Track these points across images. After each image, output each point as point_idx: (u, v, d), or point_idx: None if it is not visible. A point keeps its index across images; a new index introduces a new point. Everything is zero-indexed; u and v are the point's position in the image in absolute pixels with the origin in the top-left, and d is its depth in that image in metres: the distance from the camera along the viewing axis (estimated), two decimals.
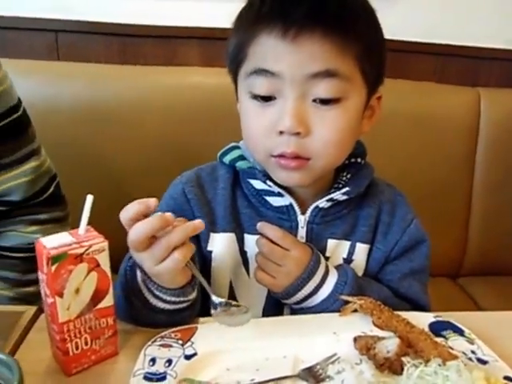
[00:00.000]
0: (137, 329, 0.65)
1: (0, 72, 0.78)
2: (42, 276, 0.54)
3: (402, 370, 0.56)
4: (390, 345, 0.58)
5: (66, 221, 0.92)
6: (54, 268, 0.51)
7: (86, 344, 0.57)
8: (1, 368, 0.42)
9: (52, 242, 0.53)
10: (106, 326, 0.58)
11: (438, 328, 0.64)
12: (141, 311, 0.63)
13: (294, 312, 0.72)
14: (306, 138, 0.63)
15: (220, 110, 1.22)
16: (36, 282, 0.87)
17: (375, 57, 0.66)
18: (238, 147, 0.77)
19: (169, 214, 0.55)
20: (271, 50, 0.61)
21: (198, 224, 0.57)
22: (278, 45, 0.61)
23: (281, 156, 0.64)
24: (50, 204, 0.88)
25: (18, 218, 0.84)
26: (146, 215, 0.55)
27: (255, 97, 0.64)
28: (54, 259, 0.51)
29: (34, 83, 1.22)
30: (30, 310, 0.66)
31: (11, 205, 0.82)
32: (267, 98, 0.64)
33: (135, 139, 1.26)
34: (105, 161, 1.26)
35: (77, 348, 0.56)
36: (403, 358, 0.56)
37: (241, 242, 0.73)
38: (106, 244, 0.55)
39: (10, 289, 0.85)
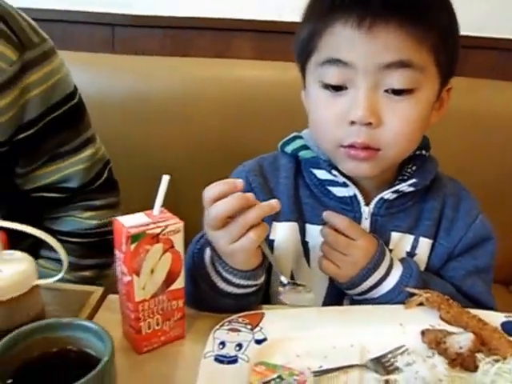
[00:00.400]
0: (199, 314, 0.66)
1: (56, 60, 0.79)
2: (118, 254, 0.55)
3: (475, 366, 0.55)
4: (462, 340, 0.57)
5: (118, 207, 0.94)
6: (133, 246, 0.53)
7: (158, 325, 0.58)
8: (92, 338, 0.43)
9: (129, 221, 0.54)
10: (176, 308, 0.59)
11: (510, 328, 0.62)
12: (207, 294, 0.64)
13: (353, 303, 0.71)
14: (377, 128, 0.63)
15: (272, 104, 1.22)
16: (92, 267, 0.90)
17: (450, 47, 0.65)
18: (300, 137, 0.77)
19: (250, 194, 0.56)
20: (345, 40, 0.61)
21: (275, 204, 0.58)
22: (353, 34, 0.60)
23: (351, 146, 0.64)
24: (104, 190, 0.90)
25: (74, 204, 0.86)
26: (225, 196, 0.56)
27: (326, 86, 0.64)
28: (134, 238, 0.52)
29: (91, 75, 1.24)
30: (98, 290, 0.67)
31: (69, 191, 0.84)
32: (338, 88, 0.64)
33: (185, 132, 1.27)
34: (154, 152, 1.28)
35: (149, 328, 0.58)
36: (477, 355, 0.55)
37: (302, 231, 0.73)
38: (181, 225, 0.56)
39: (68, 272, 0.87)
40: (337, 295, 0.72)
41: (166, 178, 0.56)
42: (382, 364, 0.56)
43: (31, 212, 0.82)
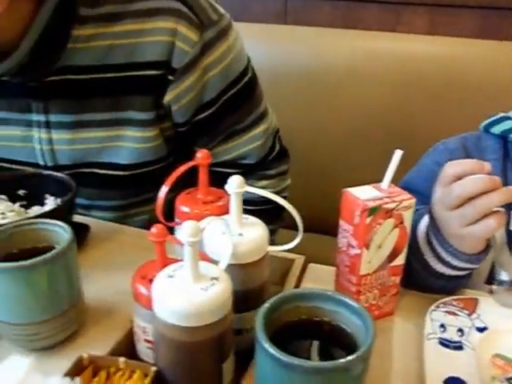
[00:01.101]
0: (406, 291, 0.63)
1: (232, 34, 0.77)
2: (346, 226, 0.54)
3: None
4: None
5: (287, 174, 0.94)
6: (368, 220, 0.51)
7: (374, 299, 0.57)
8: (347, 313, 0.42)
9: (361, 193, 0.52)
10: (392, 284, 0.57)
11: None
12: (417, 274, 0.61)
13: None
14: None
15: (443, 81, 1.13)
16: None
17: None
18: (509, 118, 0.71)
19: (498, 178, 0.51)
20: None
21: None
22: None
23: None
24: (277, 160, 0.90)
25: (250, 176, 0.87)
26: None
27: None
28: (371, 211, 0.50)
29: (263, 47, 1.23)
30: (300, 258, 0.67)
31: (246, 167, 0.85)
32: None
33: (349, 106, 1.22)
34: (319, 125, 1.25)
35: (366, 301, 0.56)
36: None
37: (508, 219, 0.67)
38: (413, 201, 0.53)
39: None
40: None
41: (398, 153, 0.53)
42: None
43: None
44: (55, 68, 0.71)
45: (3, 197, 0.69)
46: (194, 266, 0.42)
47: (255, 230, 0.51)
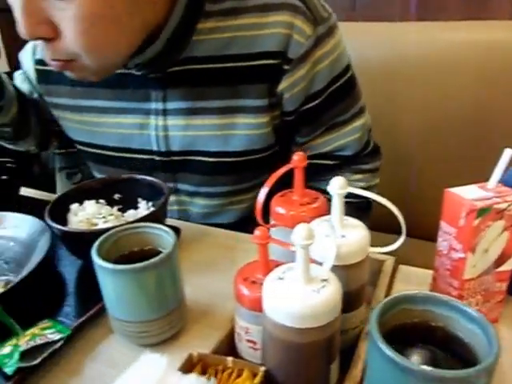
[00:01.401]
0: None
1: (338, 33, 0.82)
2: (448, 229, 0.52)
3: None
4: None
5: (378, 172, 0.96)
6: (476, 222, 0.49)
7: (477, 305, 0.55)
8: (463, 320, 0.41)
9: (467, 193, 0.51)
10: (498, 290, 0.55)
11: None
12: None
13: None
14: None
15: None
16: None
17: None
18: None
19: None
20: None
21: None
22: None
23: None
24: (371, 155, 0.92)
25: (345, 168, 0.90)
26: None
27: None
28: (480, 212, 0.49)
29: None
30: (390, 260, 0.66)
31: (342, 159, 0.88)
32: None
33: (434, 101, 1.19)
34: (387, 118, 1.23)
35: None
36: None
37: None
38: None
39: None
40: None
41: (508, 152, 0.51)
42: None
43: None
44: (178, 59, 0.78)
45: (102, 201, 0.72)
46: (306, 269, 0.43)
47: (357, 232, 0.51)
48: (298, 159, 0.56)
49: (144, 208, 0.73)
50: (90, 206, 0.71)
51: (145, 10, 0.69)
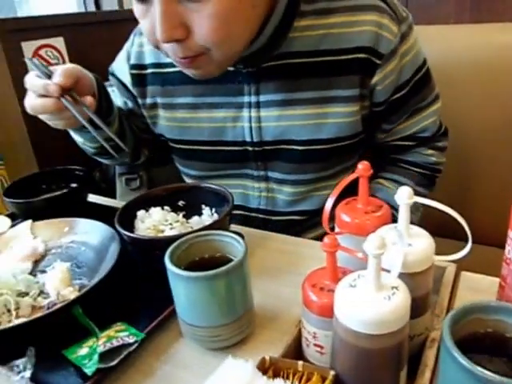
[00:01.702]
0: None
1: (415, 31, 0.88)
2: None
3: None
4: None
5: (446, 151, 1.03)
6: None
7: None
8: None
9: None
10: None
11: None
12: None
13: None
14: None
15: None
16: (426, 195, 0.99)
17: None
18: None
19: None
20: None
21: None
22: None
23: None
24: (443, 135, 1.01)
25: (424, 146, 0.98)
26: None
27: None
28: None
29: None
30: (451, 266, 0.66)
31: (421, 139, 0.97)
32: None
33: (484, 106, 1.18)
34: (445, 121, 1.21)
35: None
36: None
37: None
38: None
39: None
40: None
41: None
42: None
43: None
44: (274, 54, 0.84)
45: (167, 208, 0.76)
46: (377, 276, 0.44)
47: (423, 241, 0.52)
48: (362, 168, 0.57)
49: (208, 214, 0.76)
50: (156, 212, 0.75)
51: (261, 5, 0.76)
